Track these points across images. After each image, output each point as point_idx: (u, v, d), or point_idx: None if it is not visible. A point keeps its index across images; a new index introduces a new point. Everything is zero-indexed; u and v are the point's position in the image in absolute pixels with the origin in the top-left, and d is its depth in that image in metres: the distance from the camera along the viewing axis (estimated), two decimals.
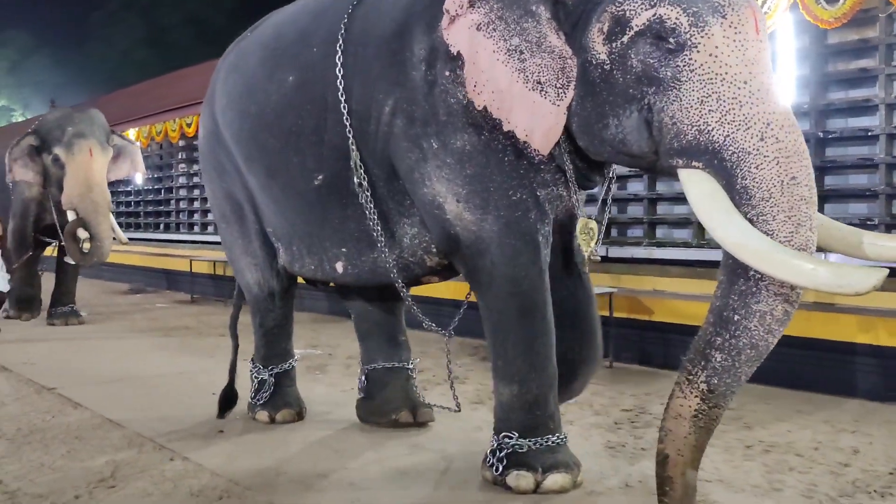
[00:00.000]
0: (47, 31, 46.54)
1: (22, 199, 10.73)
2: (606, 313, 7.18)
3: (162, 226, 17.47)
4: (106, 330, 10.48)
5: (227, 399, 5.72)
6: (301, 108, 4.50)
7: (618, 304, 7.49)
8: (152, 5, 44.11)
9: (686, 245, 8.03)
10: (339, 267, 4.68)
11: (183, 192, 16.69)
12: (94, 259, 9.89)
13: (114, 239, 10.18)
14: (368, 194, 4.27)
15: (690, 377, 3.12)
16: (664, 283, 7.82)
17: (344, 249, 4.61)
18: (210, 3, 44.42)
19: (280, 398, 5.53)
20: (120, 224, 11.19)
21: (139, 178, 15.78)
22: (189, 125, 14.58)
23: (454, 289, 6.96)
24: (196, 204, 16.12)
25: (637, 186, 8.69)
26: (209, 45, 42.19)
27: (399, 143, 4.11)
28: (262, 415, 5.49)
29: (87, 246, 9.67)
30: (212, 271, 13.07)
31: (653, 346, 7.45)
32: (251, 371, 5.64)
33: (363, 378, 5.53)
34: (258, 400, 5.55)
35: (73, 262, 10.31)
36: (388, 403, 5.38)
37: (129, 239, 11.43)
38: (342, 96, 4.24)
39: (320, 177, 4.50)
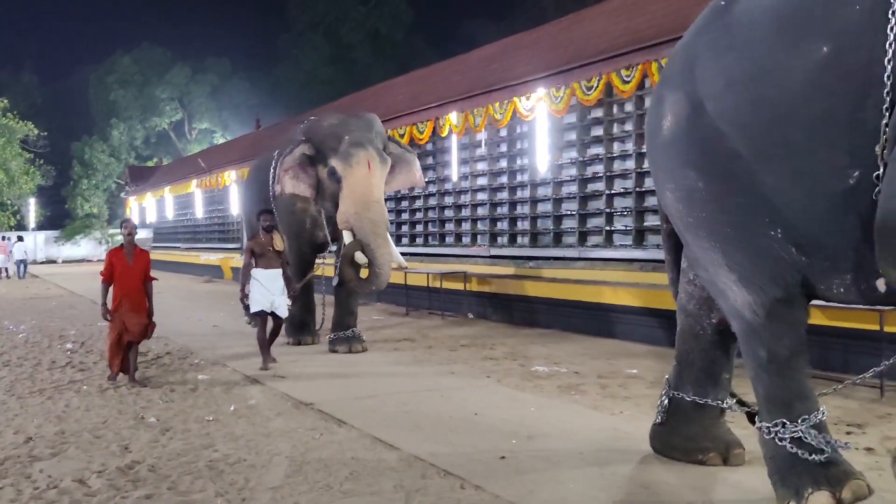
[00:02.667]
0: (243, 56, 49.25)
1: (294, 215, 9.93)
2: None
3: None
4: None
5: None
6: (834, 88, 3.42)
7: None
8: (335, 24, 45.40)
9: None
10: (881, 285, 3.56)
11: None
12: (373, 287, 8.98)
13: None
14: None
15: None
16: None
17: None
18: (389, 17, 45.28)
19: (837, 469, 3.76)
20: None
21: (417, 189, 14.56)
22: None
23: None
24: (404, 216, 16.27)
25: None
26: (388, 61, 43.41)
27: None
28: (822, 498, 3.69)
29: (364, 272, 8.79)
30: (426, 283, 13.14)
31: None
32: (768, 430, 3.86)
33: (665, 401, 5.04)
34: (803, 476, 3.77)
35: None
36: (693, 441, 4.90)
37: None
38: (890, 64, 3.20)
39: (855, 174, 3.42)
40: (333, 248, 10.07)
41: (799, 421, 3.65)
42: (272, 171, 10.06)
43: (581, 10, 12.90)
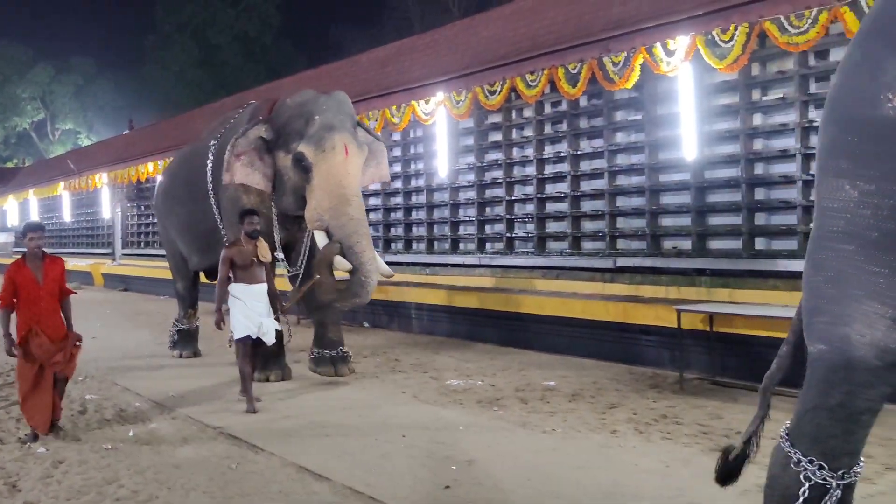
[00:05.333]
0: (109, 56, 46.62)
1: (237, 208, 7.62)
2: None
3: None
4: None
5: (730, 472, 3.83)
6: None
7: None
8: (203, 26, 43.79)
9: None
10: None
11: None
12: (356, 300, 7.26)
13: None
14: None
15: None
16: None
17: None
18: (258, 21, 44.12)
19: None
20: None
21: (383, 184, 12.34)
22: None
23: None
24: None
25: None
26: (258, 64, 42.20)
27: None
28: None
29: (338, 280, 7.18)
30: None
31: None
32: (803, 468, 3.20)
33: None
34: None
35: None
36: None
37: None
38: None
39: None
40: (280, 255, 8.02)
41: (837, 474, 3.18)
42: (210, 158, 8.28)
43: (474, 15, 12.48)
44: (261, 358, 7.49)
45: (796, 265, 7.53)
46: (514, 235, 10.77)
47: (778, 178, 7.94)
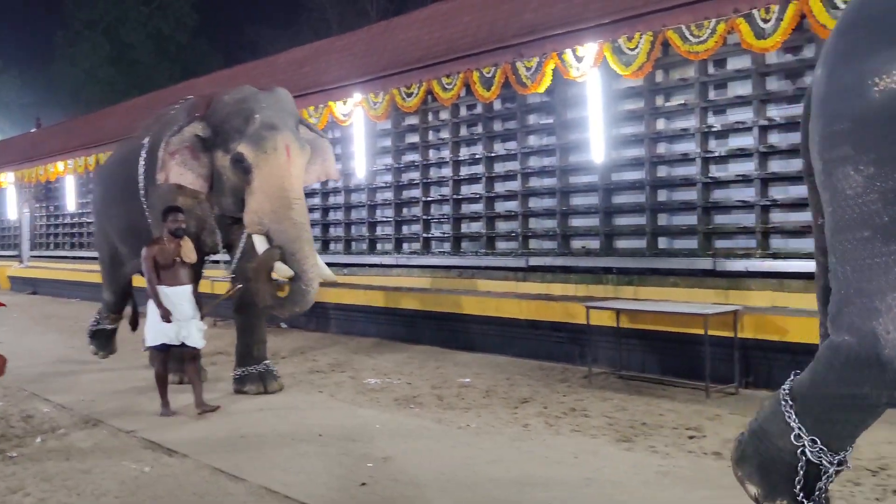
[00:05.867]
0: (14, 52, 44.72)
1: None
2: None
3: None
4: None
5: None
6: None
7: None
8: (116, 23, 42.60)
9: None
10: None
11: None
12: (297, 308, 6.76)
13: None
14: None
15: None
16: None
17: None
18: (173, 19, 43.21)
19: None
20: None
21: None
22: None
23: None
24: None
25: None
26: (173, 63, 41.31)
27: None
28: None
29: (283, 288, 6.78)
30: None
31: None
32: (803, 444, 3.07)
33: None
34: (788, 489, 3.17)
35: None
36: None
37: None
38: None
39: None
40: (226, 257, 7.76)
41: (836, 458, 3.20)
42: (143, 156, 7.81)
43: (392, 18, 12.54)
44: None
45: (696, 263, 7.87)
46: (430, 236, 10.88)
47: (679, 181, 8.26)
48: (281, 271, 6.54)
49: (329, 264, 11.84)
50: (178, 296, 6.62)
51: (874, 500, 4.22)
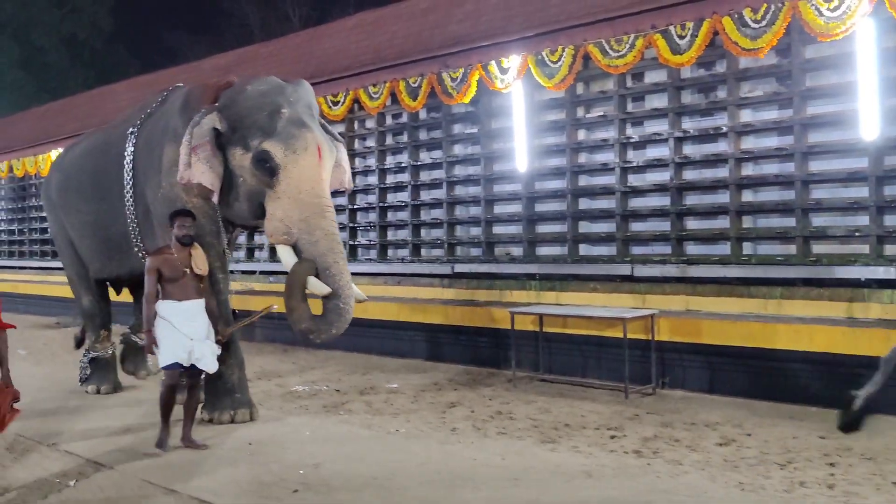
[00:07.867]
0: None
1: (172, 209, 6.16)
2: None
3: None
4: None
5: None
6: None
7: None
8: (26, 26, 41.20)
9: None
10: None
11: None
12: (333, 331, 5.92)
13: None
14: None
15: None
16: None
17: None
18: (88, 23, 42.01)
19: None
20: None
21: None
22: None
23: None
24: None
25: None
26: (87, 68, 40.16)
27: None
28: None
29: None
30: None
31: None
32: None
33: None
34: None
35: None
36: None
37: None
38: None
39: None
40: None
41: None
42: (129, 150, 6.92)
43: (320, 26, 12.52)
44: (212, 393, 6.41)
45: (615, 269, 8.11)
46: (357, 243, 10.90)
47: (599, 189, 8.50)
48: (315, 288, 5.81)
49: (253, 272, 11.88)
50: (191, 311, 5.75)
51: (783, 492, 4.45)
